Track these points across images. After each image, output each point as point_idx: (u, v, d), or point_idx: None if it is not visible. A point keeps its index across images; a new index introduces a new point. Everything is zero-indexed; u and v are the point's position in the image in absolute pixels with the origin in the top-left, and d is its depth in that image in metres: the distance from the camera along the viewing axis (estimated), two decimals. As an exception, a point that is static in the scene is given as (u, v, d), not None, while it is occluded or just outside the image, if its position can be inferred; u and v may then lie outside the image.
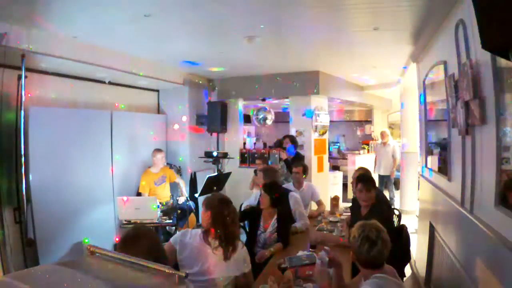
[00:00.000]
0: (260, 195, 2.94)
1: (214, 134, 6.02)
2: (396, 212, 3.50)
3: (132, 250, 1.29)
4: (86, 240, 3.86)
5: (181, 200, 4.42)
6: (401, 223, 3.28)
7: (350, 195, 6.47)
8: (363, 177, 2.82)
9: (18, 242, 3.38)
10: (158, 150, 4.56)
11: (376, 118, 9.76)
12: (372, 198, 2.73)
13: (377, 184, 3.50)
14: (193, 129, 5.74)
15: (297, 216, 3.28)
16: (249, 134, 9.07)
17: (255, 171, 4.80)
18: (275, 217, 2.90)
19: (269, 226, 2.89)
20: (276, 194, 2.92)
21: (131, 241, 1.44)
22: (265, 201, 2.87)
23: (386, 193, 6.09)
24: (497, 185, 1.58)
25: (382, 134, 6.75)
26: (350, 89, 6.91)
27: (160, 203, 4.04)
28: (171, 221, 3.95)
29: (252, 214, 2.97)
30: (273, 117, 6.55)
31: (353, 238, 1.63)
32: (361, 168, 3.92)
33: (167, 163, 4.79)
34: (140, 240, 1.44)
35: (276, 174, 3.66)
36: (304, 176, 3.99)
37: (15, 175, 3.37)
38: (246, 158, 6.15)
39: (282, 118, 9.35)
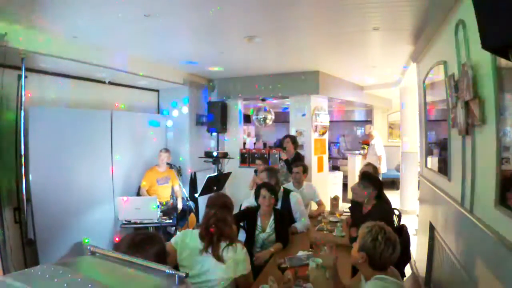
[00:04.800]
0: (262, 197, 2.92)
1: (214, 134, 6.02)
2: (396, 212, 3.50)
3: (140, 254, 1.28)
4: (86, 240, 3.86)
5: (179, 204, 4.44)
6: (401, 223, 3.28)
7: (350, 195, 6.48)
8: (364, 174, 2.92)
9: (18, 242, 3.38)
10: (162, 150, 4.63)
11: (376, 118, 9.78)
12: (364, 196, 2.76)
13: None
14: (193, 129, 5.75)
15: (298, 216, 3.28)
16: (248, 135, 9.06)
17: (255, 171, 4.80)
18: (272, 217, 2.90)
19: (267, 226, 2.89)
20: (276, 195, 2.96)
21: (143, 243, 1.42)
22: (270, 203, 2.88)
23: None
24: (497, 185, 1.58)
25: (369, 135, 7.34)
26: (350, 89, 6.91)
27: (160, 203, 4.04)
28: (171, 221, 3.96)
29: (250, 215, 2.97)
30: (273, 117, 6.56)
31: (373, 239, 1.58)
32: (369, 164, 3.94)
33: (167, 163, 4.79)
34: (154, 245, 1.43)
35: (278, 174, 3.68)
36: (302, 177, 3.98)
37: (15, 175, 3.37)
38: (246, 158, 6.15)
39: (282, 118, 9.35)
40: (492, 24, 1.16)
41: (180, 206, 4.44)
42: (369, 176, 2.83)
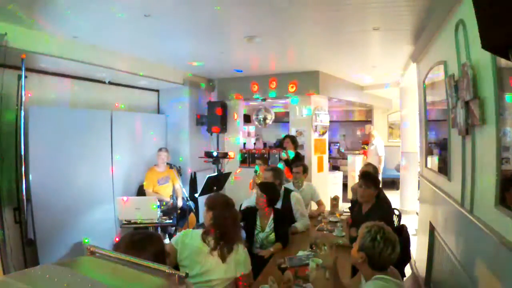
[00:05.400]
0: (257, 196, 2.94)
1: (214, 134, 6.02)
2: (396, 212, 3.50)
3: (140, 254, 1.29)
4: (86, 240, 3.86)
5: (179, 202, 4.44)
6: (401, 223, 3.28)
7: (350, 195, 6.49)
8: (365, 174, 2.92)
9: (18, 242, 3.38)
10: (161, 149, 4.61)
11: (376, 118, 9.78)
12: (368, 196, 2.77)
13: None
14: (193, 129, 5.75)
15: (298, 216, 3.28)
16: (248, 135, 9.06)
17: (255, 171, 4.80)
18: (272, 217, 2.90)
19: (266, 226, 2.89)
20: (272, 194, 2.93)
21: (142, 243, 1.43)
22: (262, 201, 2.88)
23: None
24: (497, 185, 1.58)
25: (369, 135, 7.40)
26: (350, 89, 6.92)
27: (160, 203, 4.04)
28: (171, 221, 3.95)
29: (249, 214, 2.98)
30: (273, 117, 6.56)
31: (372, 238, 1.58)
32: (369, 164, 3.95)
33: (167, 163, 4.79)
34: (153, 244, 1.43)
35: (283, 174, 3.68)
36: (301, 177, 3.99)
37: (15, 175, 3.37)
38: (246, 158, 6.15)
39: (282, 118, 9.36)
40: (492, 24, 1.16)
41: (180, 204, 4.43)
42: (370, 176, 2.85)
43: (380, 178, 6.65)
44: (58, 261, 1.02)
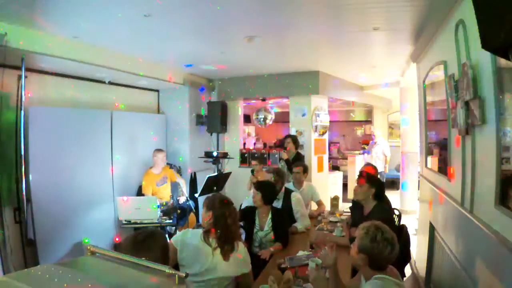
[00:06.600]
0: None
1: (214, 134, 6.02)
2: (396, 212, 3.50)
3: (146, 252, 1.31)
4: (86, 240, 3.86)
5: (182, 200, 4.42)
6: (401, 223, 3.28)
7: (350, 195, 6.49)
8: (361, 172, 2.96)
9: (18, 242, 3.38)
10: (159, 150, 4.54)
11: (376, 118, 9.78)
12: (363, 194, 2.76)
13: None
14: (193, 129, 5.75)
15: (298, 216, 3.28)
16: (248, 135, 9.05)
17: (252, 171, 4.80)
18: (270, 215, 2.90)
19: (265, 224, 2.90)
20: (266, 192, 2.94)
21: (146, 241, 1.43)
22: (257, 199, 2.89)
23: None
24: (497, 185, 1.58)
25: (370, 135, 7.59)
26: (350, 89, 6.92)
27: (160, 203, 4.03)
28: (171, 221, 3.95)
29: (249, 213, 2.99)
30: (273, 117, 6.56)
31: (371, 239, 1.58)
32: (368, 165, 3.96)
33: (167, 163, 4.79)
34: (157, 241, 1.45)
35: (284, 176, 3.72)
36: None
37: (15, 175, 3.37)
38: (246, 158, 6.15)
39: (282, 118, 9.35)
40: (492, 24, 1.16)
41: (183, 200, 4.38)
42: (364, 174, 2.85)
43: (384, 179, 6.72)
44: (58, 261, 1.02)
